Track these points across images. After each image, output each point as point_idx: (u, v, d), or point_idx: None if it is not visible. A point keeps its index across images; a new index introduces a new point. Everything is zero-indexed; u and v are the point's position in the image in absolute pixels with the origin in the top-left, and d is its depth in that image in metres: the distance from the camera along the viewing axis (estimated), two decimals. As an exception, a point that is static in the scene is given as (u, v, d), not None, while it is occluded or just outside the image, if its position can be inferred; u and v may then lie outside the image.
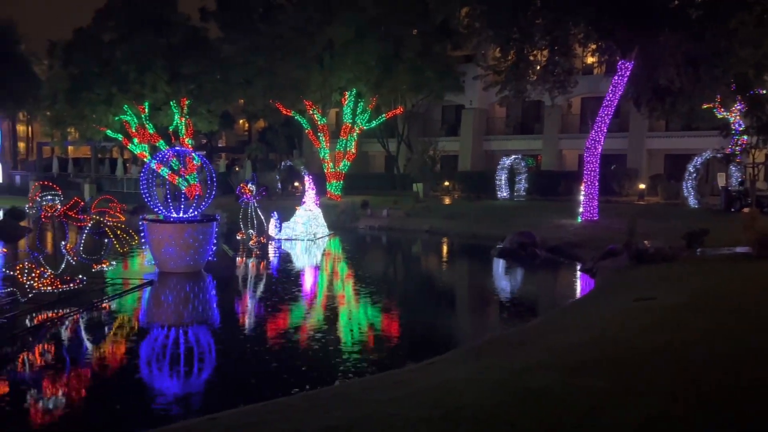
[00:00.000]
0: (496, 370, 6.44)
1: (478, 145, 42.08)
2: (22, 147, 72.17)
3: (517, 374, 6.21)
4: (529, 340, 8.06)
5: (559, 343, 7.66)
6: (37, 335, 9.40)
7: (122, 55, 36.21)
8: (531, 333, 8.73)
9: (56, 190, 12.23)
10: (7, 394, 7.01)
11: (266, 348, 9.04)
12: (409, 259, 20.88)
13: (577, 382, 5.73)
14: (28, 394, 6.99)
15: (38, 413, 6.54)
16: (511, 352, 7.47)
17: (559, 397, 5.38)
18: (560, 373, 6.11)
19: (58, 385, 7.30)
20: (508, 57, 23.33)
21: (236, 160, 52.06)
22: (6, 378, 7.56)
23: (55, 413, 6.58)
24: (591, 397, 5.32)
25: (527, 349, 7.48)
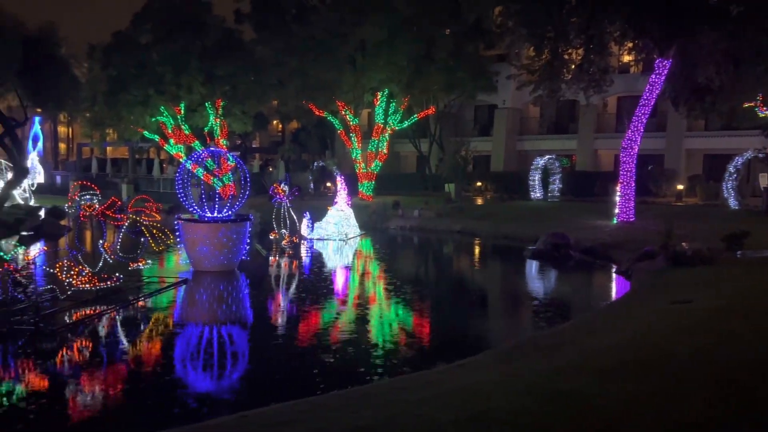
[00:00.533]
0: (526, 373, 6.38)
1: (511, 145, 41.72)
2: (63, 148, 74.13)
3: (549, 377, 6.13)
4: (562, 343, 7.96)
5: (592, 346, 7.55)
6: (76, 332, 9.64)
7: (159, 57, 36.87)
8: (563, 335, 8.62)
9: (95, 189, 12.55)
10: (46, 389, 7.21)
11: (298, 347, 9.11)
12: (440, 260, 20.81)
13: (610, 386, 5.64)
14: (66, 389, 7.18)
15: (76, 407, 6.71)
16: (542, 354, 7.38)
17: (591, 400, 5.30)
18: (593, 376, 6.02)
19: (95, 380, 7.47)
20: (542, 56, 23.07)
21: (269, 160, 52.59)
22: (46, 373, 7.77)
23: (92, 407, 6.74)
24: (624, 402, 5.23)
25: (559, 351, 7.38)
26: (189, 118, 36.55)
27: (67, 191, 33.87)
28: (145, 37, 39.06)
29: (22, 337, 9.17)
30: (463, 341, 9.62)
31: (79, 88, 29.11)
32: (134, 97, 36.73)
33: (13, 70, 21.80)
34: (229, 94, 37.16)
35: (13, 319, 9.75)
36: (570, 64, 23.30)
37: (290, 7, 37.45)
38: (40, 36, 24.18)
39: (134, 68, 36.54)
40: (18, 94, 25.65)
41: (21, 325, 9.55)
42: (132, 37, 38.92)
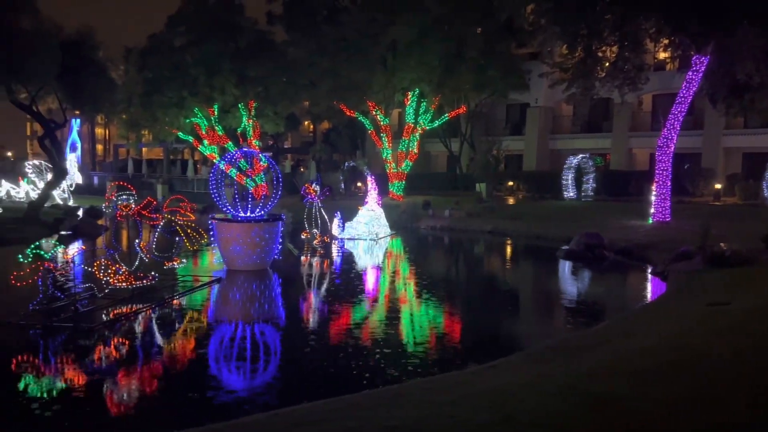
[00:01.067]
0: (559, 375, 6.31)
1: (543, 144, 41.30)
2: (100, 149, 75.86)
3: (582, 379, 6.06)
4: (595, 345, 7.86)
5: (626, 347, 7.43)
6: (113, 329, 9.85)
7: (193, 60, 37.50)
8: (597, 337, 8.51)
9: (131, 190, 12.80)
10: (84, 385, 7.39)
11: (329, 345, 9.17)
12: (471, 260, 20.71)
13: (644, 389, 5.54)
14: (103, 385, 7.34)
15: (113, 402, 6.86)
16: (575, 356, 7.29)
17: (626, 404, 5.22)
18: (627, 378, 5.92)
19: (131, 377, 7.63)
20: (576, 54, 22.77)
21: (301, 160, 52.99)
22: (84, 369, 7.96)
23: (128, 403, 6.88)
24: (660, 405, 5.13)
25: (593, 353, 7.29)
26: (222, 119, 37.06)
27: (104, 191, 34.64)
28: (180, 39, 39.78)
29: (62, 334, 9.41)
30: (494, 342, 9.56)
31: (115, 90, 29.72)
32: (169, 99, 37.42)
33: (53, 73, 22.33)
34: (262, 95, 37.60)
35: (53, 316, 10.02)
36: (604, 61, 22.95)
37: (321, 9, 37.73)
38: (79, 40, 24.76)
39: (169, 70, 37.23)
40: (57, 97, 26.31)
41: (60, 322, 9.80)
42: (167, 40, 39.68)
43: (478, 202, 29.97)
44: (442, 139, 40.75)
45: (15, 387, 7.28)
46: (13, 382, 7.44)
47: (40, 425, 6.28)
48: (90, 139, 64.89)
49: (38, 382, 7.45)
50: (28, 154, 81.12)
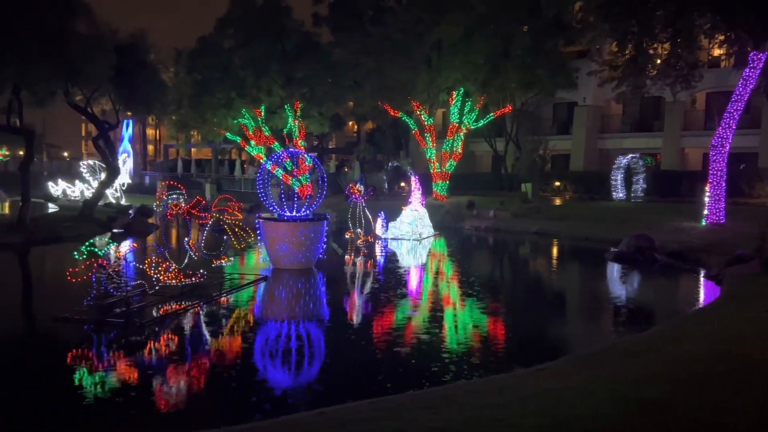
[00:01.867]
0: (609, 380, 6.17)
1: (591, 144, 40.51)
2: (151, 149, 78.00)
3: (632, 385, 5.90)
4: (646, 350, 7.64)
5: (679, 354, 7.21)
6: (162, 325, 10.09)
7: (240, 61, 38.13)
8: (648, 342, 8.27)
9: (181, 189, 13.09)
10: (134, 379, 7.58)
11: (373, 345, 9.18)
12: (516, 262, 20.45)
13: (696, 396, 5.37)
14: (153, 380, 7.52)
15: (162, 397, 7.02)
16: (625, 361, 7.11)
17: (678, 411, 5.06)
18: (678, 385, 5.75)
19: (179, 373, 7.79)
20: (626, 51, 22.24)
21: (345, 160, 53.32)
22: (133, 364, 8.17)
23: (176, 398, 7.03)
24: (713, 413, 4.96)
25: (644, 359, 7.09)
26: (269, 120, 37.58)
27: (155, 191, 35.56)
28: (228, 41, 40.50)
29: (114, 330, 9.68)
30: (541, 345, 9.41)
31: (166, 92, 30.46)
32: (218, 100, 38.14)
33: (107, 76, 23.03)
34: (307, 96, 37.96)
35: (106, 312, 10.33)
36: (655, 59, 22.36)
37: (367, 9, 37.86)
38: (132, 43, 25.46)
39: (218, 72, 37.94)
40: (111, 99, 27.12)
41: (112, 318, 10.09)
42: (216, 42, 40.45)
43: (523, 202, 29.58)
44: (487, 138, 40.38)
45: (69, 379, 7.53)
46: (67, 375, 7.69)
47: (91, 417, 6.47)
48: (141, 139, 66.78)
49: (91, 375, 7.69)
50: (82, 154, 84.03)
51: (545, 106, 42.54)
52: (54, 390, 7.33)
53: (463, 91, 31.94)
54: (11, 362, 8.48)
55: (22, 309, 12.40)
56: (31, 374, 7.96)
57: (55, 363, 8.26)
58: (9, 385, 7.53)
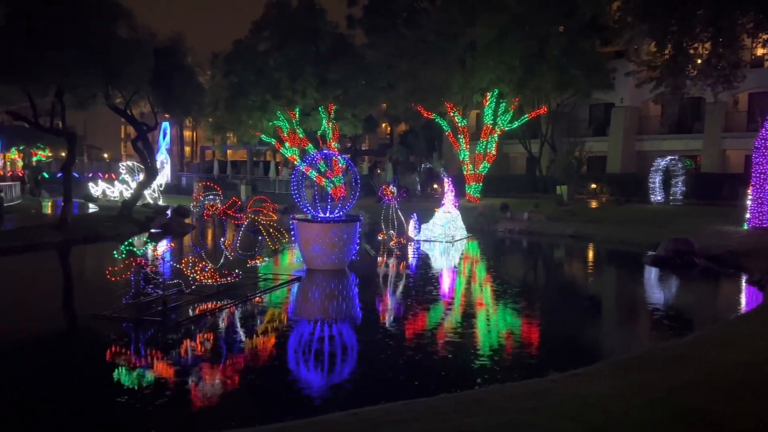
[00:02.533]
0: (646, 387, 6.04)
1: (629, 146, 39.82)
2: (188, 151, 79.32)
3: (671, 392, 5.77)
4: (685, 357, 7.46)
5: (721, 361, 7.02)
6: (198, 324, 10.24)
7: (275, 64, 38.55)
8: (687, 349, 8.07)
9: (217, 190, 13.29)
10: (170, 376, 7.71)
11: (406, 347, 9.16)
12: (551, 265, 20.19)
13: (738, 405, 5.22)
14: (188, 378, 7.64)
15: (196, 395, 7.12)
16: (663, 368, 6.96)
17: (718, 420, 4.93)
18: (720, 393, 5.60)
19: (214, 371, 7.89)
20: (665, 51, 21.82)
21: (378, 162, 53.42)
22: (170, 362, 8.31)
23: (210, 396, 7.12)
24: (756, 424, 4.81)
25: (684, 365, 6.93)
26: (303, 122, 37.91)
27: (192, 191, 36.15)
28: (264, 44, 40.99)
29: (151, 328, 9.87)
30: (576, 350, 9.27)
31: (203, 94, 30.98)
32: (253, 103, 38.63)
33: (146, 78, 23.51)
34: (341, 98, 38.19)
35: (144, 310, 10.54)
36: (696, 59, 21.88)
37: (401, 11, 37.88)
38: (170, 47, 25.96)
39: (253, 75, 38.42)
40: (150, 101, 27.68)
41: (150, 316, 10.29)
42: (251, 45, 40.96)
43: (558, 204, 29.21)
44: (522, 140, 40.03)
45: (107, 376, 7.70)
46: (106, 371, 7.86)
47: (128, 412, 6.60)
48: (178, 141, 68.00)
49: (128, 372, 7.84)
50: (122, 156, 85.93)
51: (581, 107, 41.97)
52: (92, 386, 7.50)
53: (498, 93, 31.72)
54: (53, 358, 8.71)
55: (64, 306, 12.72)
56: (71, 370, 8.17)
57: (94, 359, 8.45)
58: (50, 380, 7.73)
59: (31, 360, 8.59)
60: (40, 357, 8.73)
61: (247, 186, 42.42)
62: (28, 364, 8.37)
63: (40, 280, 15.23)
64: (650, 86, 23.70)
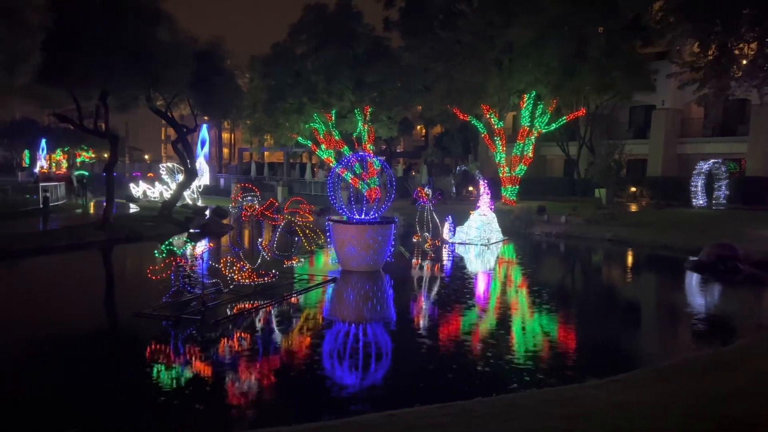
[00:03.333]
0: (691, 395, 5.90)
1: (670, 149, 38.95)
2: (226, 153, 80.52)
3: (714, 401, 5.62)
4: (730, 365, 7.27)
5: (764, 370, 6.82)
6: (235, 323, 10.39)
7: (312, 67, 38.86)
8: (730, 357, 7.86)
9: (255, 191, 13.47)
10: (208, 374, 7.84)
11: (439, 349, 9.14)
12: (589, 270, 19.86)
13: (790, 417, 5.05)
14: (226, 376, 7.75)
15: (233, 393, 7.22)
16: (705, 376, 6.79)
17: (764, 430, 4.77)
18: (766, 403, 5.42)
19: (251, 369, 7.99)
20: (709, 52, 21.34)
21: (413, 164, 53.38)
22: (208, 359, 8.45)
23: (246, 394, 7.21)
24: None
25: (728, 374, 6.74)
26: (339, 125, 38.12)
27: (230, 192, 36.67)
28: (301, 47, 41.35)
29: (190, 326, 10.05)
30: (615, 356, 9.10)
31: (241, 97, 31.43)
32: (290, 105, 39.00)
33: (187, 82, 23.96)
34: (377, 100, 38.28)
35: (183, 309, 10.74)
36: (741, 59, 21.31)
37: (437, 13, 37.77)
38: (210, 50, 26.41)
39: (290, 78, 38.80)
40: (190, 104, 28.20)
41: (189, 315, 10.48)
42: (289, 48, 41.36)
43: (597, 208, 28.74)
44: (559, 142, 39.52)
45: (147, 373, 7.87)
46: (145, 369, 8.04)
47: (166, 408, 6.73)
48: (217, 143, 69.08)
49: (168, 370, 8.00)
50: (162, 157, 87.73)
51: (621, 109, 41.24)
52: (132, 381, 7.68)
53: (535, 94, 31.38)
54: (95, 355, 8.95)
55: (106, 304, 13.05)
56: (111, 367, 8.37)
57: (133, 356, 8.65)
58: (90, 376, 7.93)
59: (75, 355, 8.84)
60: (84, 352, 8.98)
61: (283, 187, 42.85)
62: (73, 359, 8.62)
63: (85, 278, 15.66)
64: (693, 88, 23.19)
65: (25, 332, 10.06)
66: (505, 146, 33.17)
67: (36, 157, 67.23)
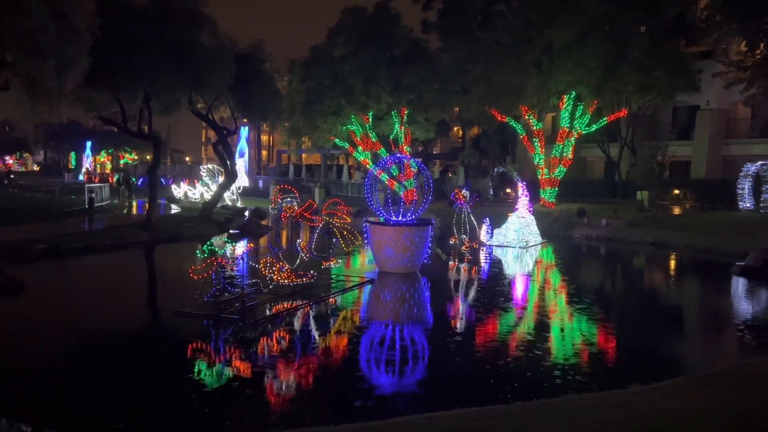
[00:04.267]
0: (736, 403, 5.73)
1: (715, 150, 37.90)
2: (264, 155, 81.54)
3: (764, 410, 5.45)
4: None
5: (819, 380, 6.58)
6: (275, 323, 10.51)
7: (350, 69, 39.02)
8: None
9: (294, 193, 13.62)
10: (246, 373, 7.94)
11: (477, 351, 9.08)
12: (631, 274, 19.47)
13: None
14: (264, 375, 7.84)
15: (271, 393, 7.30)
16: (754, 383, 6.58)
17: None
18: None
19: (289, 369, 8.07)
20: (757, 50, 20.76)
21: (449, 166, 53.15)
22: (246, 359, 8.57)
23: (284, 394, 7.28)
24: None
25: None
26: (376, 126, 38.21)
27: (269, 194, 37.09)
28: (339, 50, 41.56)
29: (230, 325, 10.20)
30: (658, 362, 8.90)
31: (280, 100, 31.75)
32: (328, 107, 39.22)
33: (228, 85, 24.33)
34: (414, 102, 38.22)
35: (223, 308, 10.91)
36: (791, 58, 20.64)
37: (475, 14, 37.56)
38: (250, 53, 26.78)
39: (328, 80, 39.02)
40: (230, 107, 28.63)
41: (229, 314, 10.64)
42: (327, 50, 41.63)
43: (639, 211, 28.16)
44: (600, 143, 38.85)
45: (186, 371, 8.01)
46: (185, 367, 8.19)
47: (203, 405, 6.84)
48: (256, 145, 70.05)
49: (208, 369, 8.15)
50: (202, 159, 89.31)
51: (664, 110, 40.30)
52: (171, 379, 7.83)
53: (575, 95, 30.93)
54: (137, 353, 9.16)
55: (148, 303, 13.35)
56: (153, 364, 8.56)
57: (174, 355, 8.82)
58: (133, 373, 8.12)
59: (120, 351, 9.07)
60: (127, 349, 9.21)
61: (321, 189, 43.14)
62: (118, 355, 8.84)
63: (128, 277, 16.06)
64: (740, 88, 22.53)
65: (71, 329, 10.37)
66: (544, 148, 32.77)
67: (81, 160, 69.26)
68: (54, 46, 16.41)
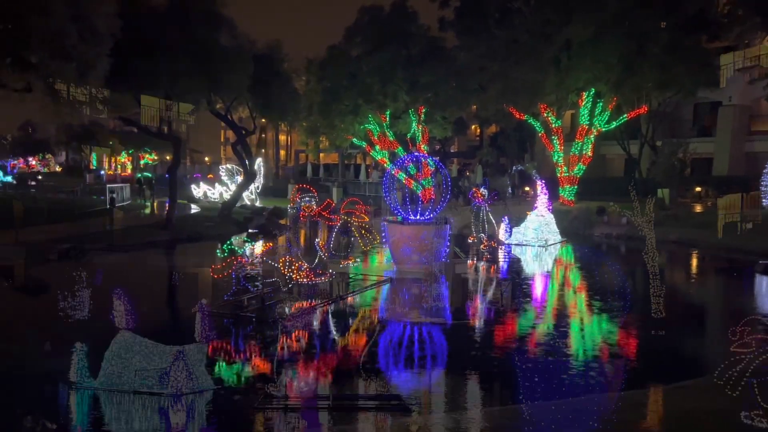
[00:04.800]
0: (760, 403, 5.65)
1: (737, 147, 37.31)
2: (282, 154, 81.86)
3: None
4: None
5: None
6: (293, 320, 10.55)
7: (367, 68, 39.03)
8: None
9: (313, 192, 13.68)
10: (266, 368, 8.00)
11: (495, 351, 9.05)
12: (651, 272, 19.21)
13: None
14: (283, 371, 7.89)
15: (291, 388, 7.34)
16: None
17: None
18: None
19: (308, 366, 8.11)
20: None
21: (467, 164, 52.97)
22: (266, 355, 8.63)
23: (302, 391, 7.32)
24: None
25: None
26: (393, 125, 38.20)
27: (287, 194, 37.23)
28: (356, 49, 41.58)
29: (250, 324, 10.26)
30: (678, 363, 8.80)
31: (298, 100, 31.88)
32: (345, 107, 39.26)
33: (246, 85, 24.45)
34: (431, 100, 38.14)
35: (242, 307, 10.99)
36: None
37: (493, 12, 37.34)
38: (268, 54, 26.90)
39: (346, 80, 39.06)
40: (248, 107, 28.80)
41: (247, 313, 10.70)
42: (344, 50, 41.66)
43: (660, 209, 27.82)
44: (620, 141, 38.43)
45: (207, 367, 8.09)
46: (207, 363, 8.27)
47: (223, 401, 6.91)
48: (274, 145, 70.38)
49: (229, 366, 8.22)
50: (221, 159, 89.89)
51: (684, 106, 39.74)
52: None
53: (594, 92, 30.63)
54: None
55: (168, 302, 13.48)
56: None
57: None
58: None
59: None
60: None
61: (338, 188, 43.21)
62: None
63: (148, 275, 16.21)
64: (763, 83, 22.14)
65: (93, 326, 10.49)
66: (563, 145, 32.50)
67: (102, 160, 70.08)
68: (76, 48, 16.61)
